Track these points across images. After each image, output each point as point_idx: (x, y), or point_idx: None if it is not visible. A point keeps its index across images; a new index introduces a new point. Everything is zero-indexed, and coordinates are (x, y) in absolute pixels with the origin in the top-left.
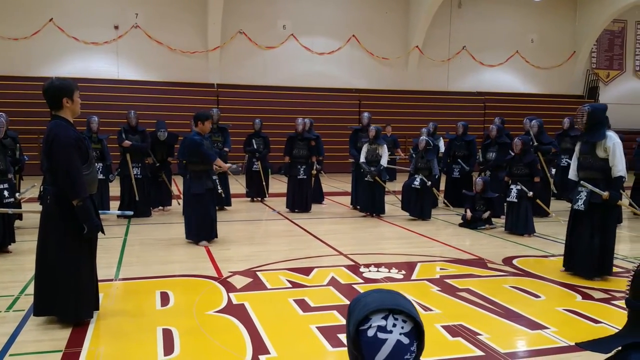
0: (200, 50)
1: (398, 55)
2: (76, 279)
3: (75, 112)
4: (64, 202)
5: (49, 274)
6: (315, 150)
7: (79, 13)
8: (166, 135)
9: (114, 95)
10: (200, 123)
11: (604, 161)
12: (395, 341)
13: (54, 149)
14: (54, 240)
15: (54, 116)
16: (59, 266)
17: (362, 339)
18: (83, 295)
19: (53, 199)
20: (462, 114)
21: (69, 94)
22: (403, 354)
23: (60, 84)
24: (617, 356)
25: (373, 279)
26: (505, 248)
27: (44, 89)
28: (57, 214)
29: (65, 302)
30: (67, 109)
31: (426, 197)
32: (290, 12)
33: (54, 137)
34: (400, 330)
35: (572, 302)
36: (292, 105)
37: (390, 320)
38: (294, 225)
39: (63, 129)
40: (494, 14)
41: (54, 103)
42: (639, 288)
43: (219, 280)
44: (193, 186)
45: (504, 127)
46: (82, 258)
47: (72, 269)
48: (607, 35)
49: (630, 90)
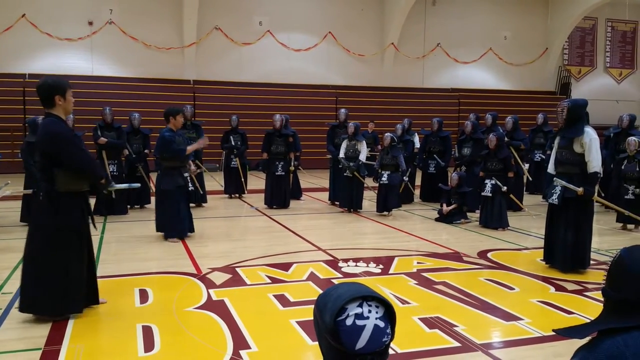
0: (175, 47)
1: (374, 52)
2: (64, 274)
3: (68, 111)
4: (56, 198)
5: (36, 269)
6: (292, 147)
7: (52, 9)
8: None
9: (88, 92)
10: (172, 118)
11: (581, 156)
12: (373, 326)
13: (61, 145)
14: (43, 236)
15: (47, 114)
16: (48, 261)
17: (341, 329)
18: (71, 290)
19: (45, 195)
20: (437, 110)
21: (62, 92)
22: (381, 337)
23: (52, 82)
24: (591, 342)
25: (352, 274)
26: (480, 242)
27: (37, 86)
28: (49, 210)
29: (52, 296)
30: (60, 106)
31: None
32: (266, 8)
33: (57, 134)
34: (375, 315)
35: (545, 294)
36: (269, 102)
37: (365, 307)
38: (273, 222)
39: (59, 126)
40: (468, 11)
41: (46, 100)
42: (614, 278)
43: (198, 276)
44: (163, 182)
45: (478, 123)
46: (70, 254)
47: (61, 264)
48: (578, 33)
49: (601, 86)
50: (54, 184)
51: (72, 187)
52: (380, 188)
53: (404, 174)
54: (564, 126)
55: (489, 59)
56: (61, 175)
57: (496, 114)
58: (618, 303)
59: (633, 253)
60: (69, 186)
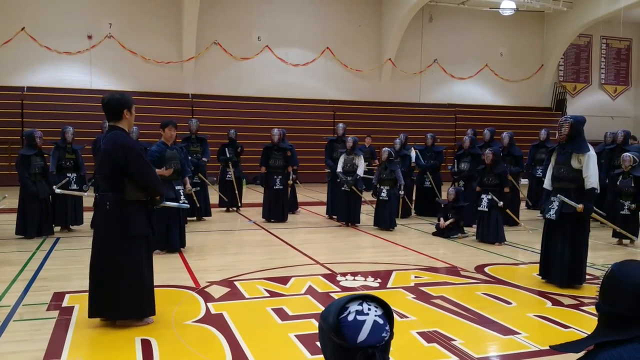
0: (174, 61)
1: (371, 67)
2: (140, 277)
3: (131, 125)
4: (124, 206)
5: (112, 276)
6: (290, 161)
7: (52, 22)
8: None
9: (87, 105)
10: (162, 131)
11: (578, 172)
12: (372, 321)
13: (131, 157)
14: (118, 242)
15: (112, 127)
16: (125, 267)
17: (343, 324)
18: (147, 293)
19: (114, 204)
20: (434, 125)
21: (129, 106)
22: (381, 332)
23: (121, 97)
24: (587, 355)
25: (350, 288)
26: (477, 256)
27: (105, 100)
28: (118, 218)
29: (130, 301)
30: (126, 120)
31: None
32: (265, 23)
33: (128, 146)
34: (375, 313)
35: (542, 308)
36: (267, 116)
37: (365, 305)
38: (271, 235)
39: (129, 139)
40: (464, 28)
41: (115, 114)
42: (607, 293)
43: (197, 290)
44: None
45: (476, 138)
46: (143, 259)
47: (137, 269)
48: (573, 49)
49: (596, 102)
50: (123, 193)
51: (138, 196)
52: (379, 204)
53: (400, 188)
54: (565, 142)
55: (485, 75)
56: (130, 184)
57: (494, 130)
58: (612, 317)
59: (624, 267)
60: (135, 195)
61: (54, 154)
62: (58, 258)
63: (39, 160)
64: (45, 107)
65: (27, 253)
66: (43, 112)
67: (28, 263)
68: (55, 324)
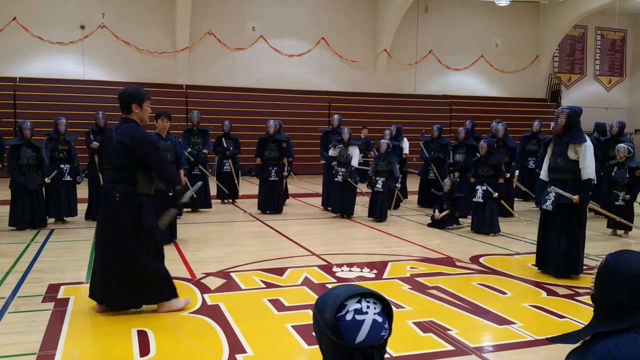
0: (168, 51)
1: (367, 58)
2: (157, 262)
3: (143, 120)
4: (134, 198)
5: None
6: (286, 152)
7: (44, 12)
8: None
9: (80, 96)
10: (155, 121)
11: (575, 163)
12: (372, 320)
13: (147, 149)
14: (131, 232)
15: (124, 119)
16: (143, 255)
17: (342, 324)
18: (166, 276)
19: (123, 196)
20: (429, 116)
21: (139, 101)
22: (380, 331)
23: (132, 91)
24: (583, 345)
25: (345, 279)
26: (473, 247)
27: (119, 94)
28: (130, 209)
29: (153, 287)
30: (136, 114)
31: (385, 200)
32: (259, 13)
33: (144, 138)
34: (374, 311)
35: (537, 298)
36: (262, 107)
37: (364, 303)
38: (266, 227)
39: (142, 132)
40: (460, 18)
41: (124, 107)
42: (602, 283)
43: (193, 281)
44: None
45: (473, 129)
46: (153, 250)
47: (154, 256)
48: (568, 40)
49: (591, 93)
50: (134, 185)
51: (148, 189)
52: (374, 195)
53: (396, 181)
54: (562, 133)
55: (480, 66)
56: (142, 176)
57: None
58: (608, 307)
59: (618, 258)
60: (146, 188)
61: (46, 146)
62: (52, 250)
63: (30, 152)
64: (38, 98)
65: (21, 245)
66: (36, 102)
67: (22, 255)
68: (50, 315)
